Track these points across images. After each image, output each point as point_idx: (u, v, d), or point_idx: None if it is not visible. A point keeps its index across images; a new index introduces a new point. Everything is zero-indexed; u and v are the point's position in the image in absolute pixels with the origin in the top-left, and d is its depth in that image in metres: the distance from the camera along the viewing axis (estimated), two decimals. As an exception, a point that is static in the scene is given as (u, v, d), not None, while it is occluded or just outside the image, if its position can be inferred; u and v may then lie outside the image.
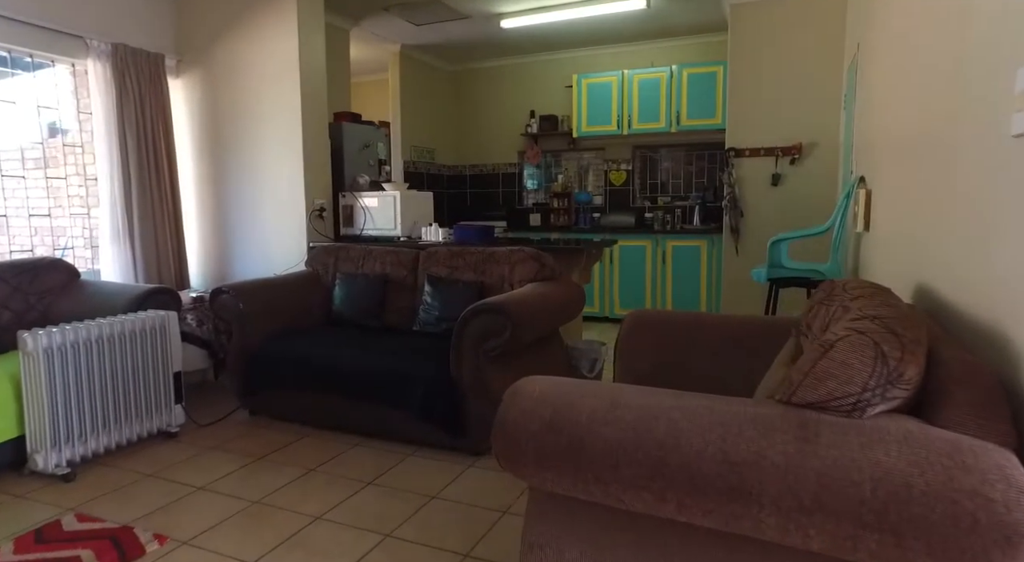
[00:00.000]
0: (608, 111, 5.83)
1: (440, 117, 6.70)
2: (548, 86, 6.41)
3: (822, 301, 1.87)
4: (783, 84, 4.58)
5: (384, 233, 4.04)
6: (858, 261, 3.23)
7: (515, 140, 6.62)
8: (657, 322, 2.19)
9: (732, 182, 4.73)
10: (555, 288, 3.07)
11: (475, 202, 6.89)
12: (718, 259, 5.34)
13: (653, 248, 5.58)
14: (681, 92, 5.53)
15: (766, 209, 4.72)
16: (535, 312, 2.74)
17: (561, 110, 6.34)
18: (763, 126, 4.66)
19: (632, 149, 6.21)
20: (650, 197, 6.22)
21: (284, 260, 3.97)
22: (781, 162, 4.64)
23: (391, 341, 3.08)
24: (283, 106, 3.84)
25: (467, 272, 3.34)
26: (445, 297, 3.25)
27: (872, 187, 2.86)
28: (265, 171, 3.98)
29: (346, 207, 4.11)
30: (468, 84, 6.77)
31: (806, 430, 1.08)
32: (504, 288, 3.23)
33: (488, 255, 3.33)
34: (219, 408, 3.34)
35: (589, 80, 5.86)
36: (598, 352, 3.76)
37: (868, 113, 3.11)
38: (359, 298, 3.44)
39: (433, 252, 3.49)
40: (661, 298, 5.59)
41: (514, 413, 1.29)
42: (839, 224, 3.21)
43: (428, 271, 3.44)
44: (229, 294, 3.10)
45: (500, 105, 6.65)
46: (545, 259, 3.21)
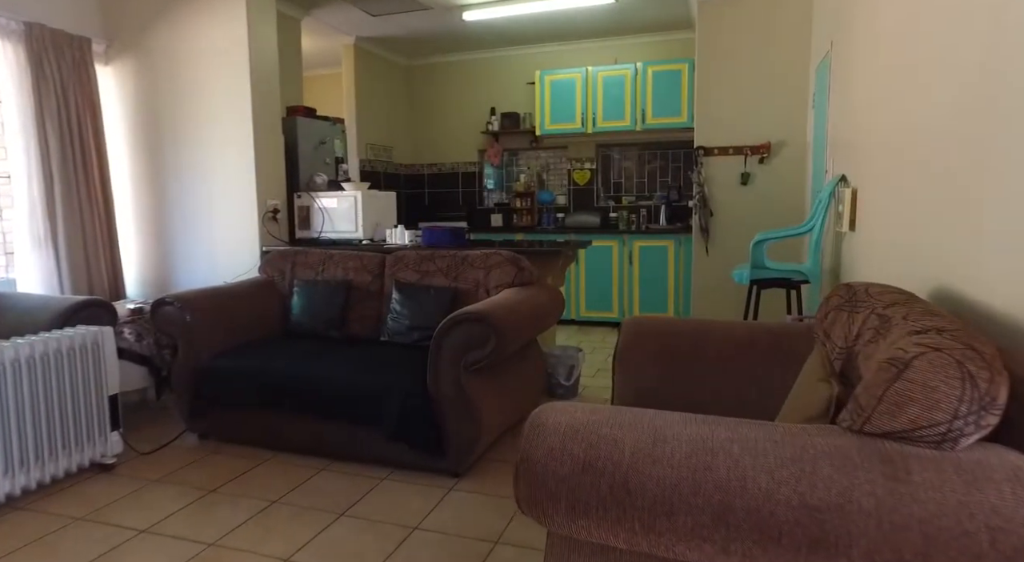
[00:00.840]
0: (572, 109, 5.69)
1: (397, 114, 6.42)
2: (510, 83, 6.22)
3: (840, 307, 1.74)
4: (751, 83, 4.54)
5: (344, 236, 3.76)
6: (839, 261, 3.17)
7: (475, 138, 6.41)
8: (658, 331, 2.03)
9: (701, 181, 4.66)
10: (535, 293, 2.88)
11: (434, 202, 6.64)
12: (686, 259, 5.27)
13: (620, 248, 5.47)
14: (646, 90, 5.44)
15: (736, 208, 4.67)
16: (519, 321, 2.55)
17: (523, 107, 6.16)
18: (732, 125, 4.61)
19: (596, 148, 6.09)
20: (614, 196, 6.12)
21: (234, 266, 3.64)
22: (750, 161, 4.59)
23: (358, 353, 2.82)
24: (231, 98, 3.52)
25: (439, 277, 3.12)
26: (416, 304, 3.01)
27: (858, 186, 2.79)
28: (212, 169, 3.64)
29: (302, 208, 3.81)
30: (426, 80, 6.52)
31: (893, 466, 0.92)
32: (480, 294, 3.02)
33: (461, 259, 3.12)
34: (163, 432, 3.01)
35: (552, 77, 5.71)
36: (575, 358, 3.60)
37: (849, 111, 3.05)
38: (320, 307, 3.16)
39: (400, 256, 3.24)
40: (629, 299, 5.49)
41: (539, 452, 1.09)
42: (819, 224, 3.14)
43: (396, 276, 3.20)
44: (174, 305, 2.78)
45: (460, 102, 6.42)
46: (523, 263, 3.02)
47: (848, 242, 2.93)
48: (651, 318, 2.10)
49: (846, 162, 3.07)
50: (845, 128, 3.13)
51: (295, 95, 4.76)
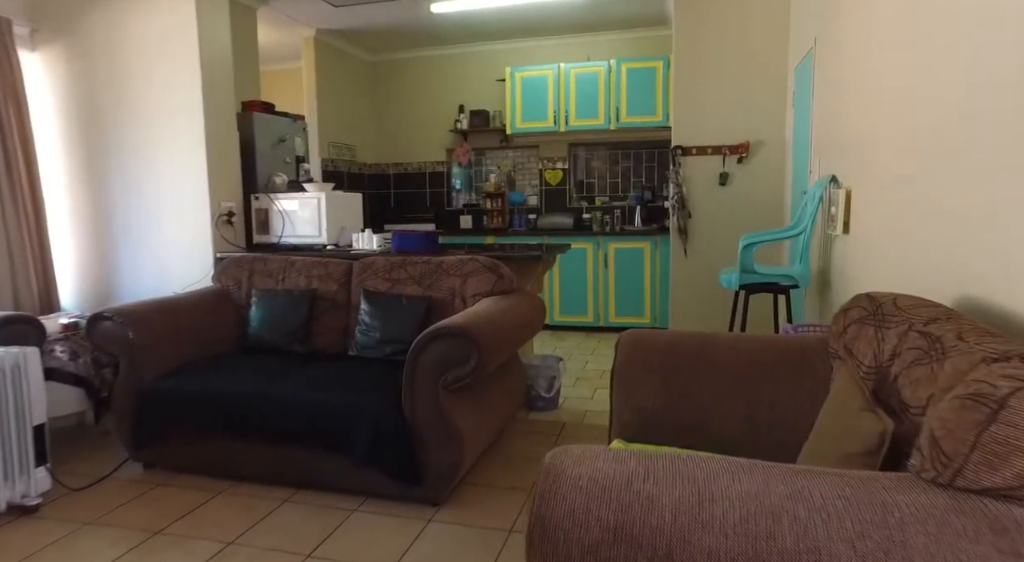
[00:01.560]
0: (544, 107, 5.51)
1: (361, 112, 6.13)
2: (479, 79, 6.00)
3: (863, 320, 1.59)
4: (729, 81, 4.43)
5: (307, 241, 3.49)
6: (829, 265, 3.06)
7: (443, 137, 6.17)
8: (659, 346, 1.85)
9: (679, 181, 4.53)
10: (516, 303, 2.68)
11: (401, 204, 6.38)
12: (663, 261, 5.14)
13: (594, 250, 5.32)
14: (620, 88, 5.30)
15: (714, 209, 4.55)
16: (502, 334, 2.34)
17: (493, 105, 5.95)
18: (710, 124, 4.49)
19: (568, 147, 5.92)
20: (587, 197, 5.96)
21: (185, 275, 3.34)
22: (728, 161, 4.49)
23: (324, 370, 2.57)
24: (179, 91, 3.22)
25: (411, 285, 2.89)
26: (387, 315, 2.78)
27: (852, 187, 2.67)
28: (159, 168, 3.33)
29: (260, 211, 3.53)
30: (392, 76, 6.25)
31: (1009, 538, 0.75)
32: (456, 304, 2.80)
33: (435, 266, 2.89)
34: (102, 462, 2.69)
35: (523, 73, 5.52)
36: (556, 368, 3.41)
37: (839, 110, 2.94)
38: (281, 319, 2.90)
39: (369, 262, 3.00)
40: (604, 303, 5.33)
41: (559, 514, 0.89)
42: (809, 226, 3.02)
43: (364, 285, 2.95)
44: (113, 320, 2.48)
45: (427, 99, 6.17)
46: (502, 270, 2.81)
47: (841, 245, 2.82)
48: (650, 332, 1.92)
49: (837, 162, 2.95)
50: (834, 127, 3.02)
51: (252, 90, 4.45)
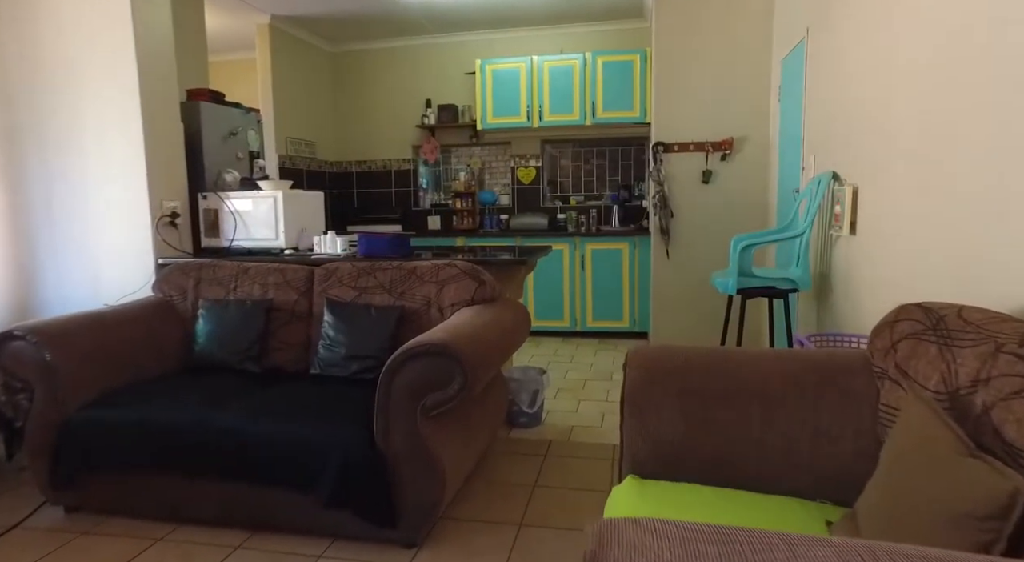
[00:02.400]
0: (516, 101, 5.24)
1: (321, 106, 5.76)
2: (447, 72, 5.70)
3: (919, 335, 1.37)
4: (711, 75, 4.24)
5: (262, 244, 3.15)
6: (830, 267, 2.87)
7: (409, 133, 5.85)
8: (674, 366, 1.60)
9: (661, 179, 4.33)
10: (500, 313, 2.40)
11: (364, 204, 6.03)
12: (642, 263, 4.94)
13: (570, 252, 5.08)
14: (596, 82, 5.07)
15: (697, 209, 4.36)
16: (488, 350, 2.06)
17: (462, 99, 5.66)
18: (692, 119, 4.30)
19: (542, 144, 5.67)
20: (561, 196, 5.72)
21: (120, 284, 2.96)
22: (712, 158, 4.30)
23: (282, 392, 2.25)
24: (112, 75, 2.84)
25: (381, 294, 2.58)
26: (354, 328, 2.47)
27: (859, 184, 2.49)
28: (88, 161, 2.94)
29: (209, 211, 3.16)
30: (354, 68, 5.89)
31: None
32: (432, 315, 2.51)
33: (408, 272, 2.60)
34: (12, 507, 2.31)
35: (494, 66, 5.24)
36: (539, 382, 3.14)
37: (840, 102, 2.75)
38: (232, 333, 2.56)
39: (333, 268, 2.68)
40: (581, 307, 5.10)
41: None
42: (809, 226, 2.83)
43: (327, 294, 2.63)
44: (26, 340, 2.11)
45: (392, 93, 5.84)
46: (484, 276, 2.53)
47: (845, 247, 2.63)
48: (662, 349, 1.67)
49: (838, 158, 2.77)
50: (835, 121, 2.84)
51: (199, 79, 4.05)
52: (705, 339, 4.44)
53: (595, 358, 4.53)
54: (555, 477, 2.54)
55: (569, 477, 2.54)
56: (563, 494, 2.39)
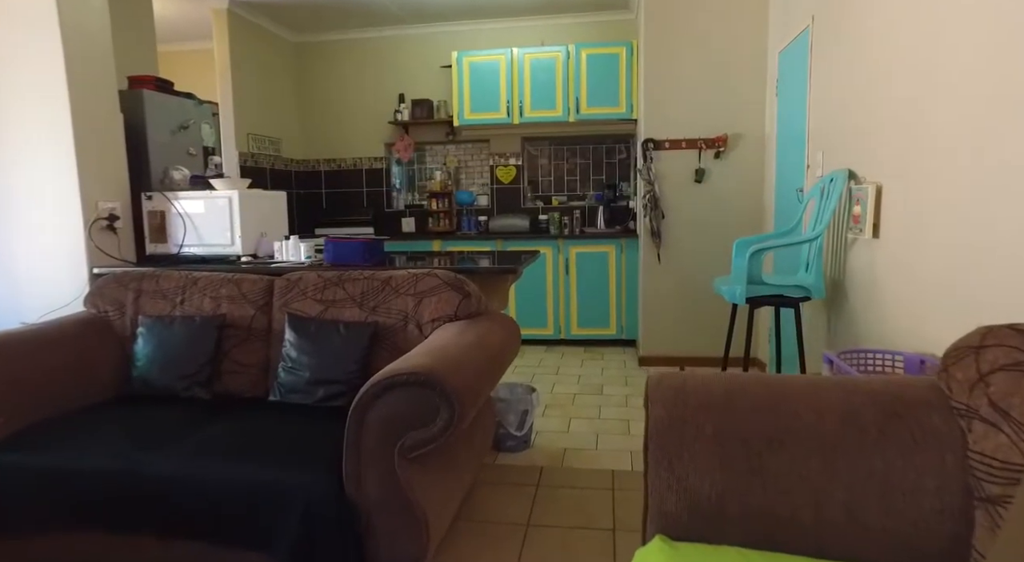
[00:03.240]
0: (495, 96, 4.95)
1: (286, 100, 5.39)
2: (422, 65, 5.38)
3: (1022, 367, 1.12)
4: (703, 68, 4.00)
5: (216, 251, 2.80)
6: (843, 274, 2.64)
7: (382, 130, 5.51)
8: (711, 399, 1.33)
9: (652, 178, 4.07)
10: (488, 330, 2.10)
11: (334, 205, 5.67)
12: (629, 266, 4.69)
13: (554, 255, 4.80)
14: (580, 76, 4.80)
15: (690, 210, 4.12)
16: (478, 377, 1.76)
17: (438, 94, 5.35)
18: (683, 115, 4.06)
19: (522, 141, 5.39)
20: (543, 196, 5.45)
21: (46, 298, 2.58)
22: (705, 156, 4.06)
23: (234, 425, 1.92)
24: (31, 54, 2.46)
25: (351, 308, 2.27)
26: (320, 348, 2.15)
27: (885, 183, 2.25)
28: (5, 155, 2.56)
29: (154, 214, 2.80)
30: (321, 60, 5.53)
31: None
32: (410, 332, 2.20)
33: (382, 282, 2.28)
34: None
35: (472, 58, 4.94)
36: (528, 402, 2.85)
37: (860, 94, 2.52)
38: (177, 355, 2.21)
39: (296, 279, 2.36)
40: (565, 314, 4.83)
41: None
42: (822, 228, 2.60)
43: (289, 308, 2.31)
44: (-80, 372, 1.75)
45: (362, 87, 5.49)
46: (468, 287, 2.23)
47: (866, 252, 2.39)
48: (695, 379, 1.39)
49: (854, 154, 2.54)
50: (850, 114, 2.61)
51: (147, 68, 3.67)
52: (700, 349, 4.21)
53: (582, 369, 4.25)
54: (550, 513, 2.25)
55: (566, 513, 2.26)
56: (561, 535, 2.10)
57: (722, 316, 4.15)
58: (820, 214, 2.66)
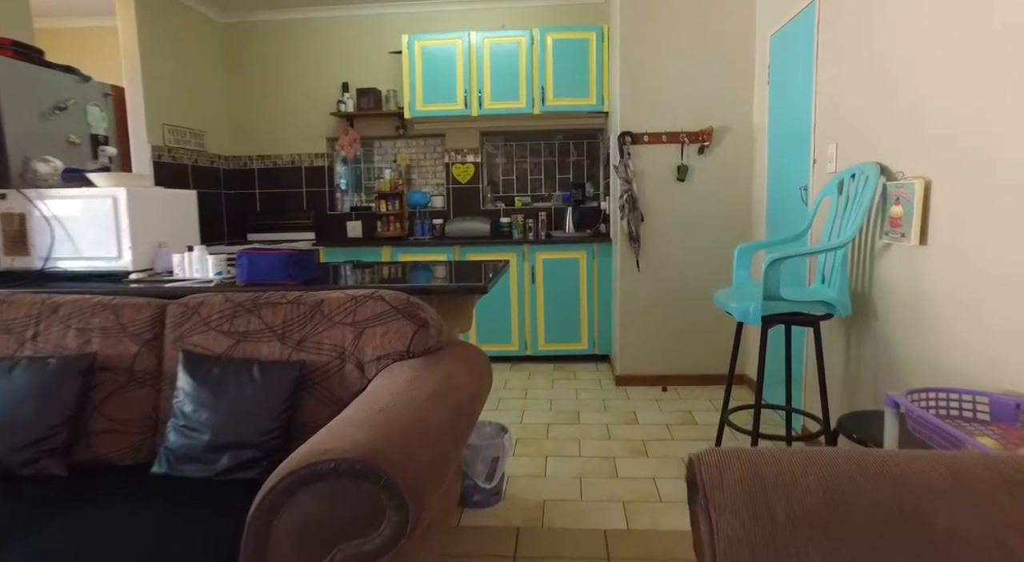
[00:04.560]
0: (451, 85, 4.42)
1: (213, 88, 4.73)
2: (368, 50, 4.81)
3: None
4: (685, 55, 3.58)
5: (97, 266, 2.19)
6: (870, 287, 2.23)
7: (323, 123, 4.91)
8: (803, 504, 0.85)
9: (629, 176, 3.63)
10: (452, 371, 1.59)
11: (270, 207, 5.02)
12: (602, 275, 4.24)
13: (519, 263, 4.31)
14: (545, 63, 4.33)
15: (672, 211, 3.69)
16: (443, 455, 1.24)
17: (386, 83, 4.79)
18: (663, 106, 3.63)
19: (481, 136, 4.88)
20: (505, 197, 4.95)
21: None
22: (688, 151, 3.64)
23: (95, 520, 1.34)
24: None
25: (269, 342, 1.71)
26: (225, 398, 1.59)
27: (935, 178, 1.85)
28: None
29: (10, 217, 2.16)
30: (252, 43, 4.89)
31: None
32: (348, 374, 1.66)
33: (312, 308, 1.74)
34: None
35: (424, 43, 4.40)
36: (499, 446, 2.35)
37: (894, 78, 2.12)
38: (17, 414, 1.61)
39: (196, 304, 1.78)
40: (532, 328, 4.34)
41: None
42: (852, 233, 2.19)
43: (186, 343, 1.73)
44: None
45: (301, 74, 4.88)
46: (424, 313, 1.71)
47: (909, 260, 1.98)
48: (767, 463, 0.91)
49: (885, 145, 2.13)
50: (879, 100, 2.20)
51: (19, 32, 3.00)
52: (685, 366, 3.78)
53: (553, 391, 3.77)
54: (536, 603, 1.75)
55: (555, 601, 1.76)
56: (553, 639, 1.60)
57: (710, 329, 3.74)
58: (844, 216, 2.25)
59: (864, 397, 2.28)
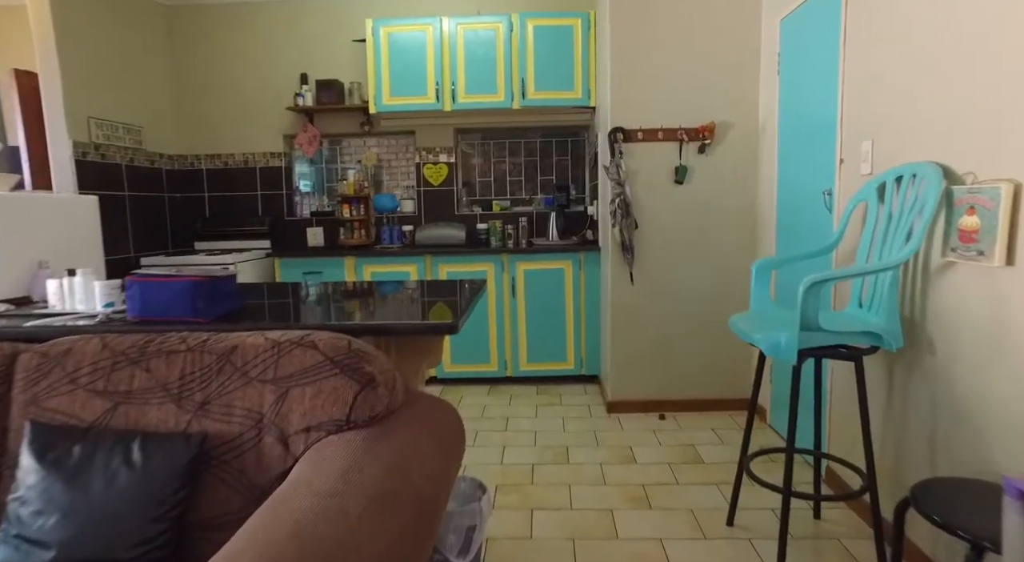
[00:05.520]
0: (421, 77, 3.97)
1: (154, 78, 4.21)
2: (329, 38, 4.33)
3: None
4: (683, 43, 3.19)
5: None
6: (924, 313, 1.84)
7: (279, 118, 4.42)
8: None
9: (622, 178, 3.21)
10: (412, 452, 1.15)
11: (221, 213, 4.52)
12: (590, 287, 3.82)
13: (497, 274, 3.88)
14: (525, 53, 3.90)
15: (669, 217, 3.29)
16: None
17: (350, 74, 4.32)
18: (659, 100, 3.22)
19: (456, 133, 4.44)
20: (482, 201, 4.52)
21: None
22: (687, 150, 3.24)
23: None
24: None
25: (160, 405, 1.25)
26: (86, 495, 1.13)
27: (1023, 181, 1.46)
28: None
29: None
30: (202, 29, 4.38)
31: None
32: (267, 450, 1.21)
33: (220, 358, 1.28)
34: None
35: (391, 29, 3.95)
36: (476, 511, 1.91)
37: (959, 60, 1.73)
38: None
39: (61, 352, 1.32)
40: (513, 346, 3.91)
41: None
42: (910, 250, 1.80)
43: (41, 409, 1.27)
44: None
45: (254, 64, 4.38)
46: (372, 366, 1.26)
47: (988, 284, 1.59)
48: None
49: (944, 141, 1.74)
50: (930, 85, 1.82)
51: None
52: (683, 390, 3.38)
53: (538, 420, 3.34)
54: None
55: None
56: None
57: (711, 350, 3.35)
58: (892, 227, 1.86)
59: (914, 448, 1.89)
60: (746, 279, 3.29)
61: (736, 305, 3.30)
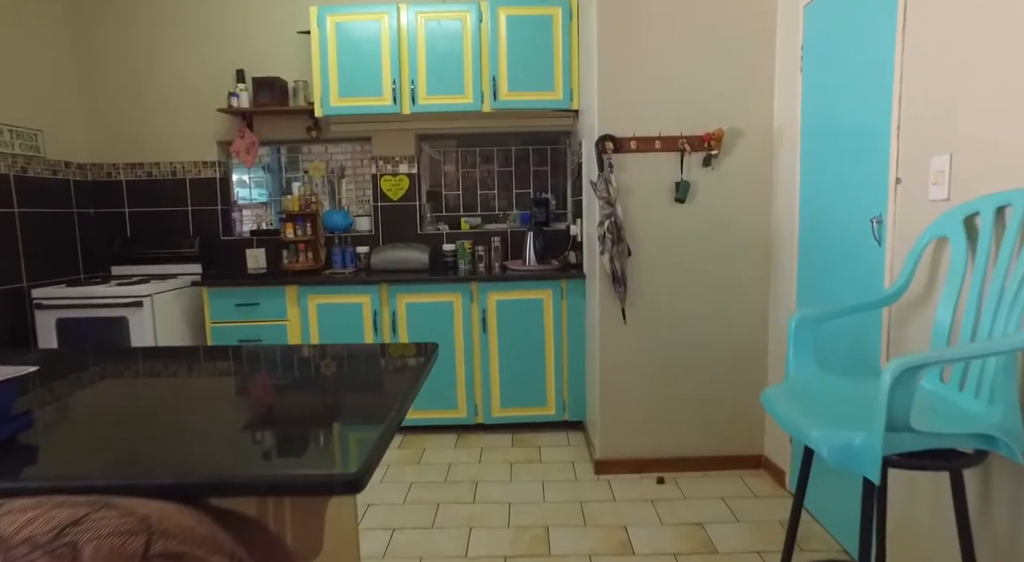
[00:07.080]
0: (376, 75, 3.39)
1: (57, 75, 3.58)
2: (269, 28, 3.73)
3: None
4: (685, 34, 2.66)
5: None
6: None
7: (212, 122, 3.80)
8: None
9: (612, 196, 2.67)
10: None
11: (144, 231, 3.87)
12: (573, 320, 3.27)
13: (465, 305, 3.31)
14: (498, 47, 3.35)
15: (668, 243, 2.75)
16: None
17: (293, 71, 3.72)
18: (656, 103, 2.69)
19: (417, 140, 3.86)
20: (449, 218, 3.95)
21: None
22: (689, 162, 2.71)
23: None
24: None
25: None
26: None
27: None
28: None
29: None
30: (115, 16, 3.75)
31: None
32: None
33: None
34: None
35: (340, 18, 3.36)
36: None
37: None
38: None
39: None
40: (484, 390, 3.34)
41: None
42: (969, 297, 1.28)
43: None
44: None
45: (181, 58, 3.76)
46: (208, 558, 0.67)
47: None
48: None
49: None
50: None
51: None
52: (685, 447, 2.84)
53: (512, 483, 2.78)
54: None
55: None
56: None
57: (716, 401, 2.82)
58: (1002, 277, 1.33)
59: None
60: (760, 319, 2.76)
61: (748, 352, 2.77)
